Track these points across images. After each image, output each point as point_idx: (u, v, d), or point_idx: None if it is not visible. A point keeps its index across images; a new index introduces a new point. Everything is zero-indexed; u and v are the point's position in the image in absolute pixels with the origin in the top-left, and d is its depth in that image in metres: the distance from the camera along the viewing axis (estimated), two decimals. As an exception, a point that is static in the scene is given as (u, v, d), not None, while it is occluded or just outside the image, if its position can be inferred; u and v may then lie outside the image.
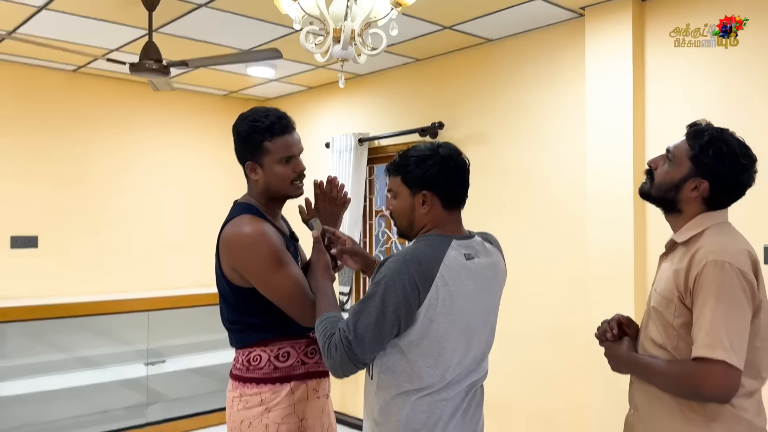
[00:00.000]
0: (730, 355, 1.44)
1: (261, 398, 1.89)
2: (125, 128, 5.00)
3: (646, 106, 3.24)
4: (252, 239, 1.84)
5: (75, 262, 4.70)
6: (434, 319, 1.56)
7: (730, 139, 1.61)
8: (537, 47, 3.72)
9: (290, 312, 1.86)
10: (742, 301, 1.48)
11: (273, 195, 1.95)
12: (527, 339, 3.71)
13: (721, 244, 1.56)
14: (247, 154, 1.90)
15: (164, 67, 3.05)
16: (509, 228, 3.81)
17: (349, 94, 4.93)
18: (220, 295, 1.98)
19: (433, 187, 1.66)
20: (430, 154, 1.66)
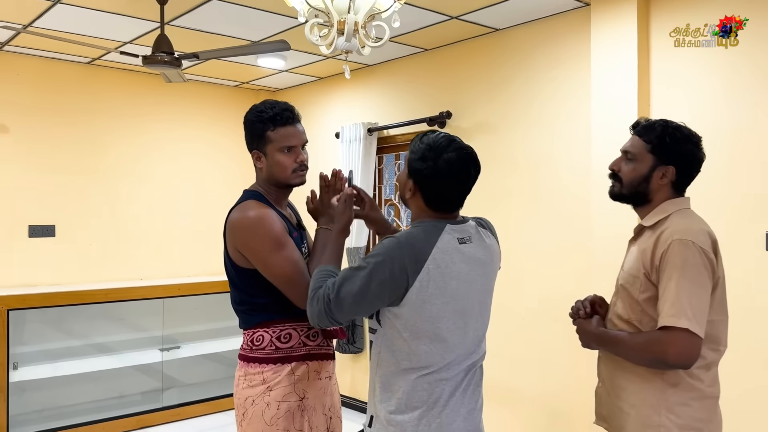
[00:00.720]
0: (692, 323, 1.59)
1: (263, 377, 1.97)
2: (139, 119, 5.08)
3: (651, 95, 3.26)
4: (254, 221, 1.92)
5: (91, 250, 4.81)
6: (427, 300, 1.61)
7: (679, 125, 1.81)
8: (543, 36, 3.74)
9: (287, 293, 1.92)
10: (704, 276, 1.64)
11: (276, 183, 2.03)
12: (533, 324, 3.76)
13: (685, 225, 1.72)
14: (253, 142, 2.00)
15: (176, 59, 3.12)
16: (516, 215, 3.86)
17: (359, 85, 4.98)
18: (228, 279, 2.06)
19: (420, 184, 1.70)
20: (433, 155, 1.65)
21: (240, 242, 1.95)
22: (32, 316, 4.22)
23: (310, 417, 2.01)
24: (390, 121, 4.66)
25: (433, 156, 1.65)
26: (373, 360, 1.74)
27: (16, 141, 4.52)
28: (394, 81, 4.71)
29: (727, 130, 2.98)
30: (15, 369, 4.08)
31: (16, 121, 4.52)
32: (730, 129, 2.98)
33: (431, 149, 1.66)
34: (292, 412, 1.96)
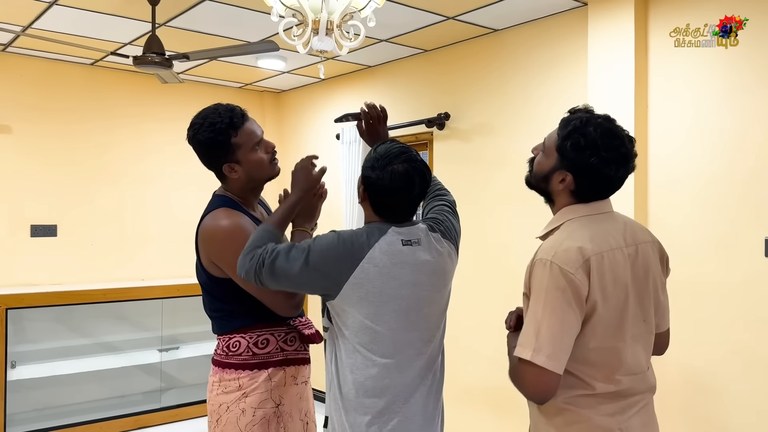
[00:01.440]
0: (538, 356, 1.41)
1: (239, 383, 1.94)
2: (142, 120, 5.11)
3: (648, 95, 3.20)
4: (227, 232, 1.88)
5: (93, 250, 4.84)
6: (363, 297, 1.63)
7: (592, 132, 1.52)
8: (541, 37, 3.69)
9: (266, 302, 1.90)
10: (560, 301, 1.42)
11: (255, 184, 2.00)
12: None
13: (554, 241, 1.51)
14: (219, 158, 1.92)
15: (167, 59, 3.12)
16: (515, 218, 3.80)
17: (360, 86, 4.96)
18: (201, 286, 2.03)
19: (368, 191, 1.72)
20: (381, 165, 1.67)
21: (214, 253, 1.92)
22: (31, 315, 4.26)
23: (285, 423, 1.98)
24: (390, 122, 4.59)
25: (381, 166, 1.67)
26: (327, 358, 1.76)
27: (19, 141, 4.56)
28: (394, 82, 4.68)
29: (727, 132, 2.91)
30: (13, 367, 4.11)
31: (19, 122, 4.56)
32: (729, 130, 2.90)
33: (380, 159, 1.68)
34: (267, 419, 1.94)
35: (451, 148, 4.22)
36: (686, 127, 3.05)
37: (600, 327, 1.47)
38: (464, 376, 4.07)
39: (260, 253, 1.68)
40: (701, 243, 2.96)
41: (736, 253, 2.85)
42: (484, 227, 3.97)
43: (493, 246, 3.92)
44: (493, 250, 3.92)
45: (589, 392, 1.48)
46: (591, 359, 1.47)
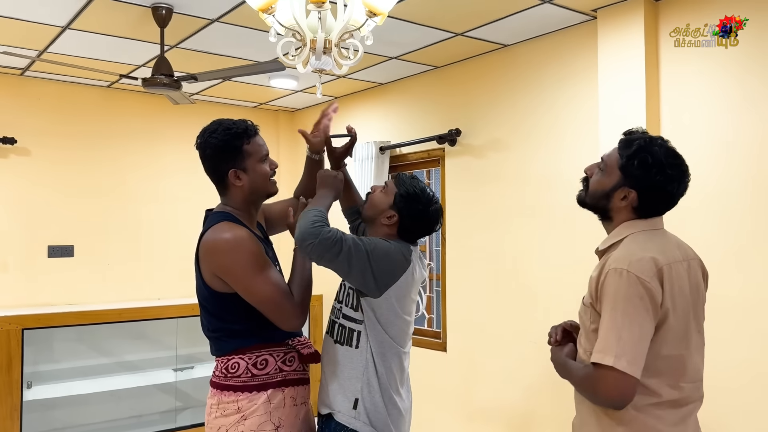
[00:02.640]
0: (620, 361, 1.46)
1: (238, 406, 1.92)
2: (157, 140, 5.16)
3: (660, 107, 3.14)
4: (232, 244, 1.86)
5: (109, 270, 4.88)
6: (405, 296, 1.97)
7: (657, 150, 1.62)
8: (550, 51, 3.66)
9: (272, 316, 1.88)
10: (638, 308, 1.49)
11: (256, 196, 1.99)
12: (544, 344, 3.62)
13: (627, 252, 1.57)
14: (228, 162, 1.93)
15: (175, 81, 3.15)
16: (529, 233, 3.75)
17: (371, 103, 4.96)
18: (200, 304, 2.01)
19: (404, 219, 2.01)
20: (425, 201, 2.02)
21: (218, 266, 1.89)
22: (47, 336, 4.29)
23: None
24: (402, 139, 4.61)
25: (425, 203, 2.01)
26: (360, 346, 1.94)
27: (36, 163, 4.63)
28: (405, 99, 4.67)
29: (744, 141, 2.84)
30: (29, 387, 4.14)
31: (36, 144, 4.64)
32: (746, 139, 2.83)
33: (424, 196, 2.02)
34: None
35: (463, 164, 4.19)
36: (700, 137, 2.98)
37: (670, 335, 1.55)
38: (477, 394, 4.00)
39: (334, 233, 1.82)
40: (720, 255, 2.89)
41: (756, 266, 2.77)
42: (498, 243, 3.92)
43: (507, 262, 3.86)
44: (507, 266, 3.86)
45: (655, 400, 1.54)
46: (659, 367, 1.54)
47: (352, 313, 1.96)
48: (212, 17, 3.34)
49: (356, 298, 1.95)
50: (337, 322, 2.01)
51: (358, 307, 1.95)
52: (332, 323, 2.04)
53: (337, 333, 2.00)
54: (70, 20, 3.39)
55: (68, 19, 3.37)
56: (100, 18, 3.35)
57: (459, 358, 4.16)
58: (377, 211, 2.03)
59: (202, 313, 2.03)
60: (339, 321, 2.00)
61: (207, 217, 2.04)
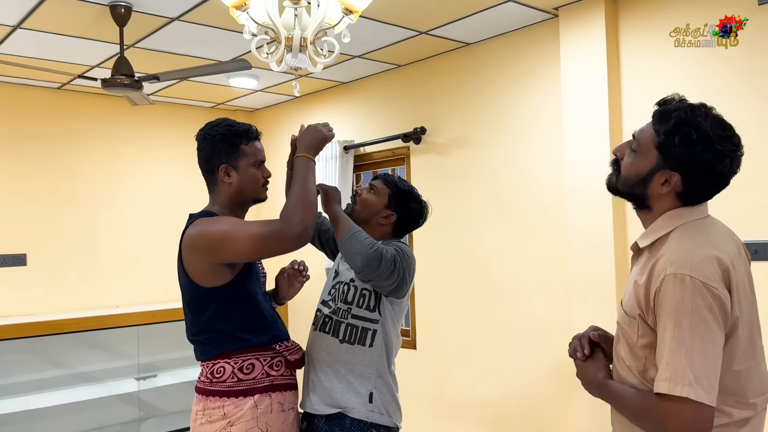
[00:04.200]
0: (695, 390, 1.21)
1: (224, 411, 1.87)
2: (113, 143, 5.01)
3: (622, 103, 3.22)
4: (213, 219, 1.89)
5: (65, 278, 4.71)
6: (408, 296, 2.11)
7: (702, 122, 1.33)
8: (513, 49, 3.70)
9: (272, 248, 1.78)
10: (708, 322, 1.24)
11: (244, 198, 1.97)
12: (516, 341, 3.67)
13: (684, 251, 1.31)
14: (222, 156, 1.92)
15: (136, 81, 3.05)
16: (493, 230, 3.79)
17: (334, 102, 4.93)
18: (186, 306, 1.98)
19: (402, 218, 2.15)
20: (419, 198, 2.19)
21: (203, 246, 1.85)
22: (3, 348, 4.11)
23: None
24: (366, 138, 4.60)
25: (418, 200, 2.18)
26: (375, 344, 2.01)
27: (-16, 169, 4.43)
28: (369, 98, 4.66)
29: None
30: (-17, 404, 3.96)
31: (-16, 149, 4.44)
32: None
33: (415, 193, 2.19)
34: None
35: (428, 162, 4.20)
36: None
37: (739, 346, 1.31)
38: (449, 391, 4.02)
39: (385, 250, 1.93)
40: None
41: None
42: (463, 240, 3.95)
43: (475, 259, 3.89)
44: (475, 263, 3.89)
45: (725, 420, 1.30)
46: (729, 384, 1.29)
47: (368, 313, 2.03)
48: (173, 16, 3.26)
49: (375, 299, 2.03)
50: (345, 323, 2.03)
51: (376, 308, 2.03)
52: (337, 324, 2.04)
53: (345, 333, 2.02)
54: (22, 19, 3.25)
55: (20, 18, 3.23)
56: (55, 17, 3.23)
57: (429, 356, 4.17)
58: (373, 212, 2.13)
59: (187, 317, 1.99)
60: (347, 321, 2.03)
61: (189, 219, 2.00)
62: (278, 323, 2.04)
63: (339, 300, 2.07)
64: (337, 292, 2.09)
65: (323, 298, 2.15)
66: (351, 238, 1.92)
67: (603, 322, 3.16)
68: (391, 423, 2.04)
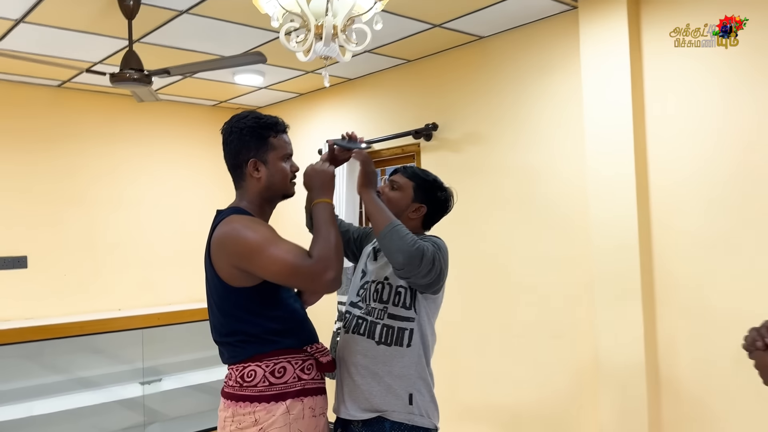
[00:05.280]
0: None
1: (255, 417, 1.79)
2: (114, 142, 4.90)
3: (645, 97, 3.14)
4: (247, 222, 1.80)
5: (66, 281, 4.59)
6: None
7: None
8: (530, 42, 3.62)
9: (299, 283, 1.79)
10: None
11: (273, 194, 1.90)
12: (529, 341, 3.59)
13: None
14: (251, 150, 1.85)
15: (146, 76, 2.95)
16: (510, 227, 3.70)
17: (341, 99, 4.84)
18: (214, 306, 1.89)
19: (431, 209, 2.14)
20: (444, 187, 2.17)
21: (234, 248, 1.76)
22: (4, 352, 3.99)
23: None
24: (375, 135, 4.50)
25: (443, 188, 2.16)
26: (413, 343, 1.95)
27: (-17, 169, 4.31)
28: (377, 94, 4.57)
29: (729, 132, 2.85)
30: (-15, 410, 3.84)
31: (-18, 149, 4.32)
32: (731, 131, 2.85)
33: (439, 181, 2.16)
34: None
35: (440, 158, 4.12)
36: (686, 127, 2.99)
37: None
38: (463, 393, 3.93)
39: (420, 241, 1.87)
40: (709, 247, 2.90)
41: (745, 256, 2.79)
42: (477, 239, 3.87)
43: (490, 258, 3.81)
44: (490, 262, 3.81)
45: None
46: None
47: (404, 312, 1.97)
48: (181, 8, 3.16)
49: (411, 296, 1.97)
50: (380, 323, 1.96)
51: (412, 305, 1.97)
52: (372, 325, 1.97)
53: (381, 334, 1.96)
54: (26, 12, 3.14)
55: (23, 11, 3.12)
56: (60, 10, 3.12)
57: (441, 356, 4.05)
58: (401, 208, 2.08)
59: (215, 317, 1.89)
60: (383, 322, 1.97)
61: (217, 215, 1.90)
62: (308, 323, 1.97)
63: (372, 299, 1.99)
64: (368, 292, 2.02)
65: (351, 300, 2.06)
66: (392, 232, 1.84)
67: (627, 322, 3.12)
68: (431, 424, 2.00)
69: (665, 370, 3.05)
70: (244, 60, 2.90)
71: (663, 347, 3.06)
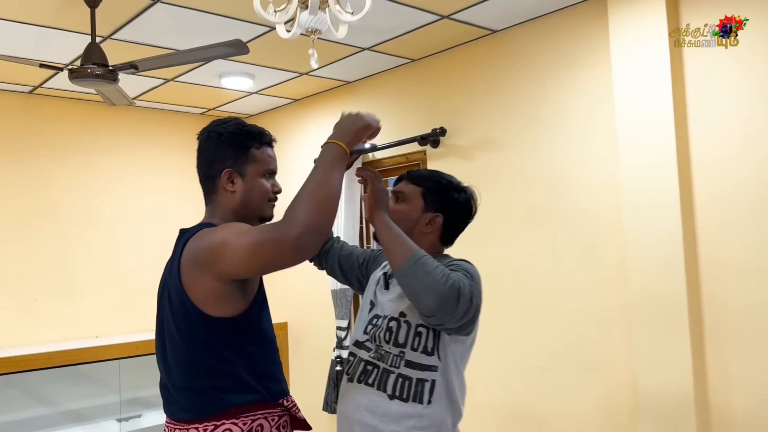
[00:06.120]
0: None
1: None
2: (92, 155, 4.50)
3: (686, 95, 2.73)
4: (220, 227, 1.50)
5: (37, 306, 4.17)
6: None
7: None
8: (551, 35, 3.22)
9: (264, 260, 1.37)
10: None
11: (247, 212, 1.61)
12: (555, 374, 3.15)
13: None
14: (227, 159, 1.58)
15: (110, 71, 2.54)
16: (532, 244, 3.27)
17: (338, 104, 4.43)
18: (178, 340, 1.50)
19: (449, 218, 1.72)
20: (462, 189, 1.73)
21: (201, 258, 1.45)
22: (-39, 389, 3.56)
23: None
24: (375, 142, 4.09)
25: (460, 189, 1.73)
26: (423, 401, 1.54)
27: (-58, 183, 3.90)
28: (378, 98, 4.16)
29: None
30: (-63, 456, 3.40)
31: (-58, 161, 3.91)
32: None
33: (454, 181, 1.74)
34: None
35: (448, 167, 3.64)
36: (735, 129, 2.59)
37: None
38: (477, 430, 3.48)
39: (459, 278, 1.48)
40: (757, 253, 2.48)
41: None
42: (492, 256, 3.43)
43: (508, 276, 3.38)
44: (508, 280, 3.37)
45: None
46: None
47: (425, 358, 1.56)
48: (154, -3, 2.76)
49: (435, 338, 1.57)
50: (395, 373, 1.54)
51: (435, 350, 1.57)
52: (384, 374, 1.55)
53: (395, 386, 1.55)
54: (-25, 2, 2.75)
55: (-28, 1, 2.73)
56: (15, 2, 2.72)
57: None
58: (411, 222, 1.71)
59: (181, 354, 1.49)
60: (398, 371, 1.55)
61: (181, 235, 1.58)
62: (281, 368, 1.62)
63: (384, 340, 1.57)
64: (379, 330, 1.60)
65: (357, 338, 1.64)
66: (416, 267, 1.43)
67: (672, 352, 2.69)
68: None
69: (717, 409, 2.62)
70: (221, 51, 2.50)
71: (714, 381, 2.63)
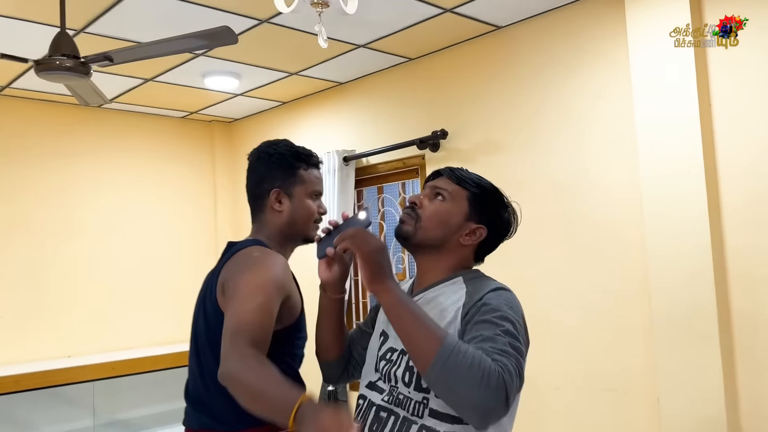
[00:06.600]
0: None
1: None
2: (66, 159, 4.22)
3: (711, 93, 2.53)
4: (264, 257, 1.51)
5: (4, 323, 3.87)
6: None
7: None
8: (560, 31, 3.01)
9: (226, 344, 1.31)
10: None
11: (293, 233, 1.66)
12: (571, 394, 2.92)
13: None
14: (276, 179, 1.64)
15: (82, 64, 2.28)
16: (545, 257, 3.04)
17: (331, 107, 4.19)
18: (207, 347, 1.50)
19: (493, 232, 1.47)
20: (506, 201, 1.50)
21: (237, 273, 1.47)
22: None
23: None
24: (370, 147, 3.86)
25: (508, 204, 1.49)
26: None
27: None
28: (373, 99, 3.93)
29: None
30: None
31: None
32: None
33: (503, 194, 1.49)
34: None
35: (449, 173, 3.47)
36: (764, 131, 2.39)
37: None
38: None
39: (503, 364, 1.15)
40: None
41: None
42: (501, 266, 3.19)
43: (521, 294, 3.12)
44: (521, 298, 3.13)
45: None
46: None
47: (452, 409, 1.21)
48: (132, -17, 2.51)
49: None
50: (418, 424, 1.22)
51: None
52: (404, 425, 1.23)
53: None
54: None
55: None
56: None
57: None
58: (450, 229, 1.40)
59: (206, 360, 1.51)
60: (422, 421, 1.22)
61: (230, 247, 1.62)
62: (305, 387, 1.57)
63: (402, 382, 1.27)
64: (395, 368, 1.30)
65: (369, 379, 1.37)
66: (449, 362, 1.08)
67: (699, 371, 2.48)
68: None
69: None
70: (207, 40, 2.24)
71: (747, 405, 2.42)
